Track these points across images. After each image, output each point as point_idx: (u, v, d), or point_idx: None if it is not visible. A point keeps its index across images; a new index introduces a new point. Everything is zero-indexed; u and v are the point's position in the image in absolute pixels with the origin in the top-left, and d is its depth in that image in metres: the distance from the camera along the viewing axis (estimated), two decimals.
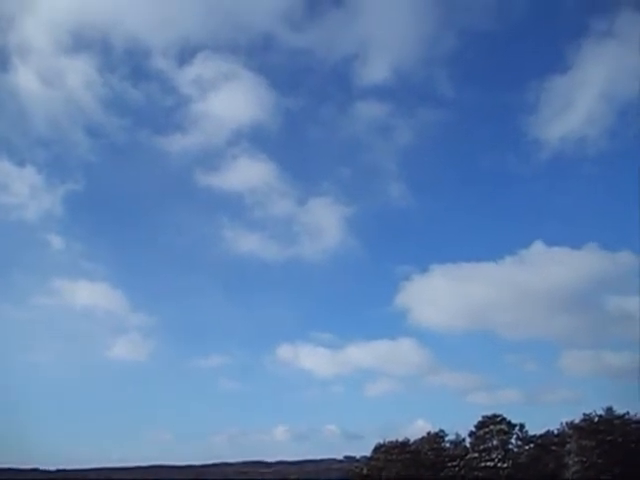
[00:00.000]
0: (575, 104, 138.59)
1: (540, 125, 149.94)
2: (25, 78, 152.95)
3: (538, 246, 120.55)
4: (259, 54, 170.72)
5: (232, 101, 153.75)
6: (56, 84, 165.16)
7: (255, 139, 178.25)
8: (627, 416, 58.72)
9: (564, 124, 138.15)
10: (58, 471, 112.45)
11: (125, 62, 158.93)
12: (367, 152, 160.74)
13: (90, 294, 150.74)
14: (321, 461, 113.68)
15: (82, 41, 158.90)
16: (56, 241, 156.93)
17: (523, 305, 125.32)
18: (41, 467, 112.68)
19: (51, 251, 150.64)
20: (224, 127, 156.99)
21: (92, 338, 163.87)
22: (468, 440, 64.46)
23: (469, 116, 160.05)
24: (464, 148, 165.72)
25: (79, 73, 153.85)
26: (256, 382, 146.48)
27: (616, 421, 58.21)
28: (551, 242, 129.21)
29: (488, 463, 61.51)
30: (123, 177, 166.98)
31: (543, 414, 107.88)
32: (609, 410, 59.08)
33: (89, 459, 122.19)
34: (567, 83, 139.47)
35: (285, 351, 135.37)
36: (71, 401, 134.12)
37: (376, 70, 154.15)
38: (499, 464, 61.05)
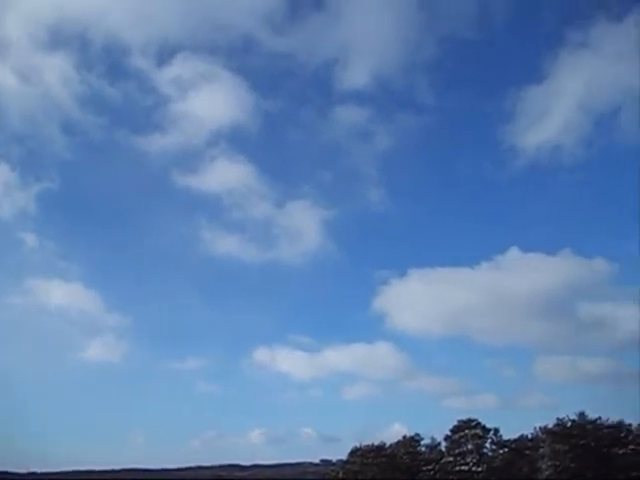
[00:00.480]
0: (551, 113, 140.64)
1: (517, 133, 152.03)
2: (1, 73, 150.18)
3: (514, 252, 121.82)
4: (239, 56, 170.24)
5: (211, 102, 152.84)
6: (33, 80, 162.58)
7: (234, 140, 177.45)
8: (599, 421, 59.67)
9: (540, 133, 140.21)
10: (29, 474, 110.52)
11: (103, 60, 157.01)
12: (347, 156, 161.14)
13: (64, 294, 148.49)
14: (297, 464, 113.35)
15: (60, 37, 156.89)
16: (30, 240, 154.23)
17: (499, 311, 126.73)
18: (11, 470, 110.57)
19: (25, 250, 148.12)
20: (203, 128, 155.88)
21: (66, 339, 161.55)
22: (444, 444, 64.93)
23: (448, 123, 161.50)
24: (443, 154, 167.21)
25: (56, 70, 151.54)
26: (233, 385, 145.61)
27: (589, 426, 59.10)
28: (527, 248, 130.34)
29: (463, 467, 61.98)
30: (99, 176, 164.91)
31: (518, 419, 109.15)
32: (582, 415, 59.98)
33: (61, 462, 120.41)
34: (543, 92, 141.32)
35: (262, 354, 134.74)
36: (43, 403, 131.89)
37: (357, 75, 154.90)
38: (474, 468, 61.55)
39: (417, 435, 66.50)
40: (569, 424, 59.40)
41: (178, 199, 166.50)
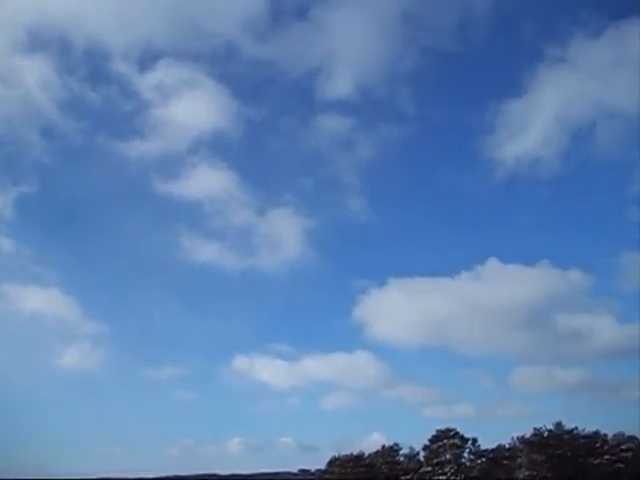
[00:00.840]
0: (530, 126, 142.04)
1: (496, 145, 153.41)
2: None
3: (493, 262, 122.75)
4: (222, 63, 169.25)
5: (193, 109, 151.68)
6: (11, 83, 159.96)
7: (216, 147, 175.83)
8: (576, 431, 60.35)
9: (519, 145, 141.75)
10: None
11: (84, 64, 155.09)
12: (328, 165, 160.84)
13: (40, 300, 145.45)
14: (276, 474, 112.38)
15: (40, 40, 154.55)
16: (6, 244, 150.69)
17: (478, 321, 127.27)
18: None
19: (0, 255, 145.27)
20: (185, 134, 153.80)
21: (41, 346, 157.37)
22: (422, 454, 65.05)
23: (429, 133, 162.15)
24: (424, 165, 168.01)
25: (36, 73, 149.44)
26: (211, 393, 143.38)
27: (565, 436, 59.74)
28: (505, 259, 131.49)
29: (441, 477, 62.15)
30: (79, 181, 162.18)
31: (496, 428, 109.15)
32: (558, 425, 60.62)
33: (34, 472, 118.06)
34: (523, 106, 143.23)
35: (241, 362, 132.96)
36: (17, 410, 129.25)
37: (339, 84, 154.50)
38: (452, 478, 61.74)
39: (396, 445, 66.64)
40: (546, 434, 59.99)
41: (158, 205, 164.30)
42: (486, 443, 63.82)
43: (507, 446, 62.63)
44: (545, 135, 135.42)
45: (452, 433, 63.90)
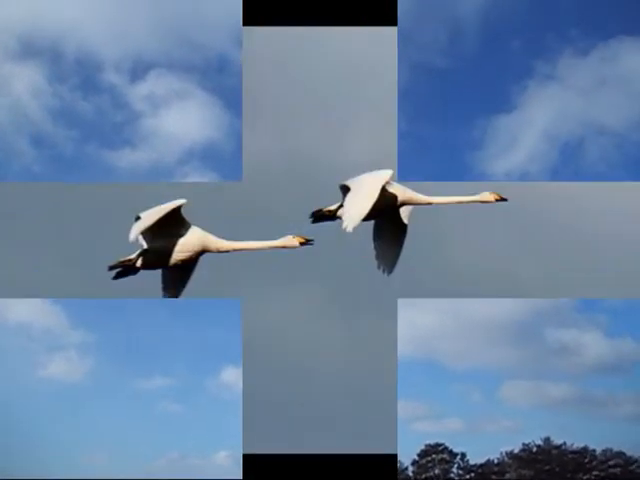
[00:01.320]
0: (519, 142, 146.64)
1: (486, 160, 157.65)
2: None
3: None
4: (214, 74, 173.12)
5: (185, 119, 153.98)
6: (1, 91, 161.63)
7: (207, 158, 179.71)
8: (564, 446, 60.62)
9: (509, 161, 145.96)
10: None
11: (76, 73, 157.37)
12: None
13: (26, 309, 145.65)
14: None
15: (31, 48, 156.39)
16: None
17: (467, 335, 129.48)
18: None
19: None
20: (176, 145, 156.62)
21: (25, 356, 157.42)
22: (411, 469, 65.06)
23: (419, 148, 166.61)
24: (415, 179, 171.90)
25: (26, 80, 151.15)
26: (199, 405, 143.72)
27: (554, 451, 59.88)
28: None
29: None
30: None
31: (485, 443, 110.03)
32: (547, 440, 60.88)
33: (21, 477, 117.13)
34: (512, 122, 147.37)
35: (229, 374, 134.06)
36: (1, 419, 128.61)
37: None
38: None
39: None
40: (534, 449, 60.28)
41: None
42: (475, 458, 64.01)
43: (496, 461, 62.87)
44: (534, 151, 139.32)
45: (441, 448, 63.96)
